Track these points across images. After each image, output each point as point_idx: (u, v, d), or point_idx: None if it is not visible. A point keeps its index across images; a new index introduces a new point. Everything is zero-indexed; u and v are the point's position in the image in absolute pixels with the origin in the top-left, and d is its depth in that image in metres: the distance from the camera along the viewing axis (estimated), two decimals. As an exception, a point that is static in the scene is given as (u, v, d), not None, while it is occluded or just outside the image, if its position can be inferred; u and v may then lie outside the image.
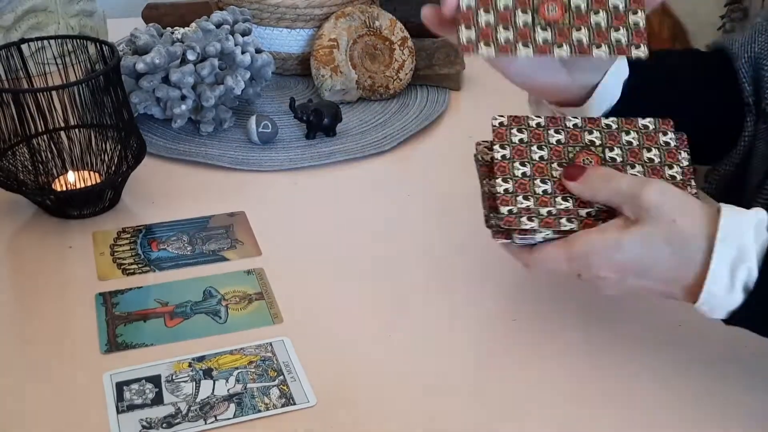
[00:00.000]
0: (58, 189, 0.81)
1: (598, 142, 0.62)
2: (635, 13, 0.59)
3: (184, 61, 0.94)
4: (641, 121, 0.63)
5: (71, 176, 0.83)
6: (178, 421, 0.60)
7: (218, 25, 0.98)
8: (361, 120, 1.05)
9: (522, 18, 0.59)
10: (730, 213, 0.56)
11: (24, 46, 0.84)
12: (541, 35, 0.59)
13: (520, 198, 0.59)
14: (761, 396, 0.63)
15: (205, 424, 0.59)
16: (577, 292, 0.73)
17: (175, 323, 0.69)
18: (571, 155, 0.61)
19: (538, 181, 0.60)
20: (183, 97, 0.95)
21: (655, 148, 0.62)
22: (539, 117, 0.64)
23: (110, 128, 0.83)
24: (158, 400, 0.61)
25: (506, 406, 0.62)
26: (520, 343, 0.69)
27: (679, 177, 0.60)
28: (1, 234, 0.81)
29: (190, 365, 0.65)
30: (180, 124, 0.96)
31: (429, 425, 0.60)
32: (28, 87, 0.84)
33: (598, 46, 0.59)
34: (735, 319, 0.57)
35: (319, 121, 0.98)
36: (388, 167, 0.96)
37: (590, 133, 0.63)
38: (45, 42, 0.86)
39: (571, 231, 0.59)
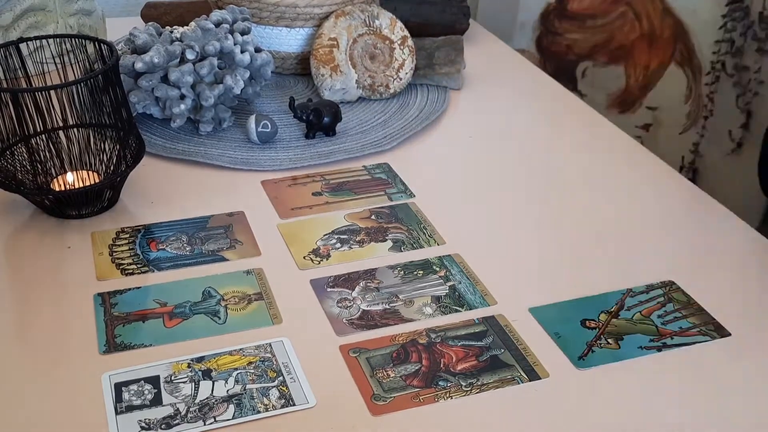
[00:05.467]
0: (57, 189, 0.81)
1: None
2: None
3: (183, 60, 0.94)
4: None
5: (70, 176, 0.82)
6: (177, 422, 0.59)
7: (217, 24, 0.98)
8: (360, 119, 1.05)
9: None
10: None
11: (22, 46, 0.84)
12: None
13: None
14: None
15: (204, 425, 0.59)
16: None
17: (174, 324, 0.69)
18: None
19: None
20: (182, 97, 0.94)
21: None
22: None
23: (109, 128, 0.83)
24: (157, 400, 0.61)
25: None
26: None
27: None
28: (-1, 234, 0.81)
29: (189, 366, 0.64)
30: (179, 124, 0.96)
31: (441, 426, 0.60)
32: (27, 86, 0.84)
33: None
34: None
35: (319, 121, 0.98)
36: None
37: None
38: (43, 41, 0.86)
39: None
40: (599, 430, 0.60)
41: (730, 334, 0.70)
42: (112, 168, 0.83)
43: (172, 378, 0.63)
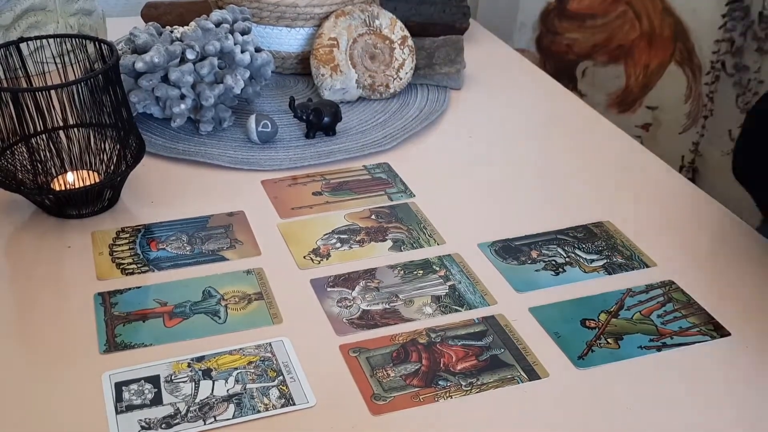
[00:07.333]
0: (57, 188, 0.81)
1: None
2: None
3: (183, 60, 0.94)
4: None
5: (70, 176, 0.82)
6: (177, 421, 0.59)
7: (217, 24, 0.98)
8: (360, 119, 1.05)
9: None
10: None
11: (23, 45, 0.84)
12: None
13: None
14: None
15: (205, 424, 0.59)
16: None
17: (174, 323, 0.69)
18: None
19: None
20: (182, 97, 0.94)
21: None
22: None
23: (109, 127, 0.83)
24: (157, 400, 0.61)
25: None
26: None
27: None
28: (-1, 234, 0.81)
29: (189, 365, 0.65)
30: (179, 124, 0.96)
31: (441, 426, 0.60)
32: (27, 86, 0.84)
33: None
34: None
35: (319, 121, 0.98)
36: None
37: None
38: (44, 41, 0.86)
39: None
40: (599, 430, 0.61)
41: (729, 334, 0.70)
42: (112, 168, 0.83)
43: (173, 377, 0.63)
